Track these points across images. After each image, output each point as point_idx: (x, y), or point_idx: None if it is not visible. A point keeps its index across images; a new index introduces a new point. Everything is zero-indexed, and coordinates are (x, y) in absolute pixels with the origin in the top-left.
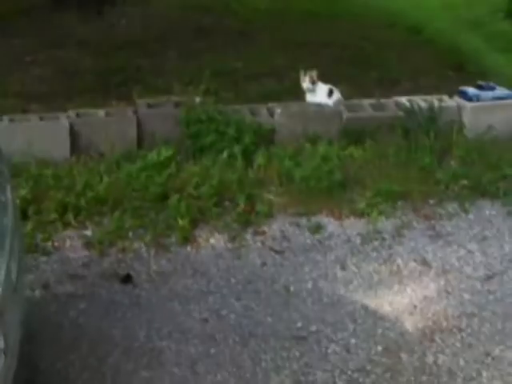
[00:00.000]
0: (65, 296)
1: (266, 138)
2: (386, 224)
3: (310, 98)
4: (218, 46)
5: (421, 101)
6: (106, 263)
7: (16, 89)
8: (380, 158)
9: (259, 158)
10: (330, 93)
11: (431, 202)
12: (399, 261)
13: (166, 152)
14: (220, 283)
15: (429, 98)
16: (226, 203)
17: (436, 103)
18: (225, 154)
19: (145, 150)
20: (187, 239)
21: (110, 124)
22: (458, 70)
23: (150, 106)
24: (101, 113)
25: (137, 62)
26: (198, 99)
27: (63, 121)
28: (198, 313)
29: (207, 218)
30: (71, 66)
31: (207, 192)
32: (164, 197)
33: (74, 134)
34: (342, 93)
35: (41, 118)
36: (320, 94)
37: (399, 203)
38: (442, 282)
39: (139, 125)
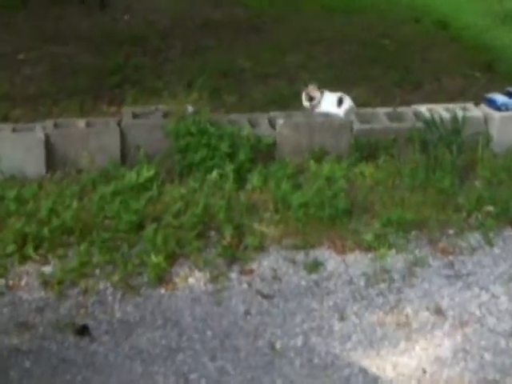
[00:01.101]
0: (8, 350)
1: (265, 153)
2: (396, 260)
3: (322, 105)
4: (225, 42)
5: (442, 110)
6: (64, 308)
7: (2, 90)
8: (394, 177)
9: (254, 179)
10: (340, 102)
11: (450, 232)
12: (408, 309)
13: (147, 172)
14: (193, 337)
15: (451, 106)
16: (211, 234)
17: (460, 113)
18: (214, 175)
19: (128, 165)
20: (161, 279)
21: (91, 136)
22: (486, 70)
23: (135, 115)
24: (81, 123)
25: (137, 60)
26: (190, 108)
27: (38, 132)
28: (163, 376)
29: (187, 253)
30: (65, 65)
31: (189, 221)
32: (139, 226)
33: (49, 148)
34: (354, 100)
35: (13, 129)
36: (328, 105)
37: (413, 234)
38: (459, 338)
39: (123, 137)
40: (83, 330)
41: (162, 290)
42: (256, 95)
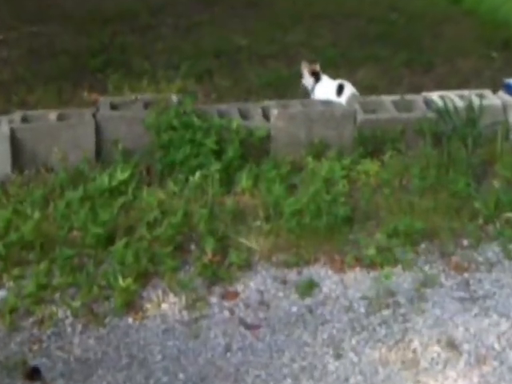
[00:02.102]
0: None
1: (257, 147)
2: (403, 279)
3: (317, 94)
4: (221, 19)
5: (456, 97)
6: (15, 344)
7: None
8: (401, 177)
9: (243, 180)
10: (340, 90)
11: (465, 243)
12: (416, 342)
13: (121, 174)
14: (162, 380)
15: (466, 93)
16: (191, 247)
17: (475, 100)
18: (197, 176)
19: (104, 163)
20: (130, 305)
21: (63, 130)
22: (503, 48)
23: (113, 106)
24: (52, 116)
25: (123, 39)
26: (174, 98)
27: (3, 127)
28: None
29: (161, 272)
30: (45, 46)
31: (165, 233)
32: (109, 239)
33: (16, 144)
34: (358, 83)
35: None
36: (327, 93)
37: (422, 246)
38: (476, 379)
39: (98, 131)
40: (33, 374)
41: (130, 319)
42: (252, 78)
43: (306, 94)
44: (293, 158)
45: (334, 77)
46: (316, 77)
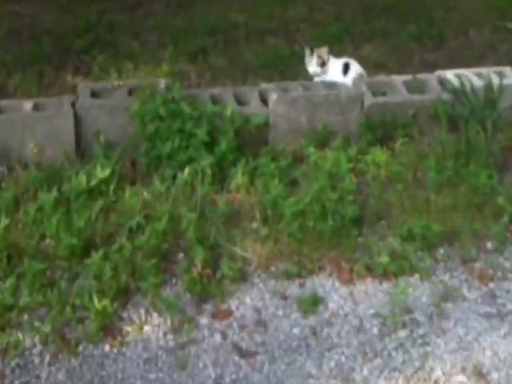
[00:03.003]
0: None
1: (255, 136)
2: (421, 292)
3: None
4: None
5: (473, 76)
6: None
7: None
8: (415, 169)
9: (238, 176)
10: (346, 69)
11: (489, 246)
12: (438, 371)
13: (101, 171)
14: None
15: (484, 71)
16: (179, 257)
17: (495, 79)
18: (186, 173)
19: (85, 158)
20: (107, 328)
21: (39, 121)
22: None
23: (94, 93)
24: (27, 105)
25: (111, 17)
26: (162, 83)
27: None
28: None
29: (144, 288)
30: (27, 27)
31: (149, 242)
32: (85, 250)
33: None
34: (365, 60)
35: None
36: (332, 73)
37: (441, 251)
38: None
39: (78, 122)
40: None
41: (107, 347)
42: (249, 57)
43: (308, 75)
44: (294, 147)
45: (337, 55)
46: (323, 65)
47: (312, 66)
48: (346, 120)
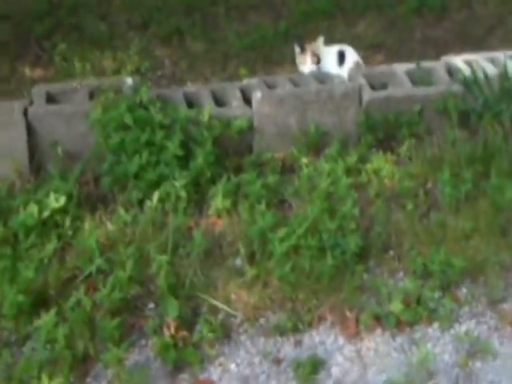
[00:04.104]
0: None
1: (237, 143)
2: (442, 348)
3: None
4: None
5: (485, 61)
6: None
7: None
8: (425, 179)
9: (218, 199)
10: (341, 58)
11: None
12: None
13: (55, 199)
14: None
15: (498, 55)
16: (147, 312)
17: (510, 66)
18: (155, 200)
19: (39, 177)
20: None
21: None
22: None
23: (50, 97)
24: None
25: None
26: (129, 81)
27: None
28: None
29: (104, 359)
30: None
31: (111, 297)
32: (35, 306)
33: None
34: (360, 39)
35: None
36: (325, 63)
37: (463, 290)
38: None
39: (31, 132)
40: None
41: None
42: (230, 39)
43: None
44: (283, 153)
45: (328, 33)
46: (318, 62)
47: (306, 66)
48: (342, 119)
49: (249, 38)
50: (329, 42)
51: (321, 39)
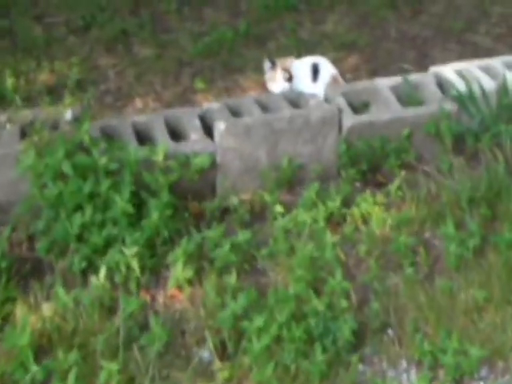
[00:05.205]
0: None
1: (197, 186)
2: None
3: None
4: None
5: (480, 71)
6: None
7: None
8: (422, 226)
9: (177, 268)
10: (315, 72)
11: None
12: None
13: None
14: None
15: (494, 63)
16: None
17: (509, 76)
18: (102, 273)
19: None
20: None
21: None
22: None
23: None
24: None
25: None
26: (68, 114)
27: None
28: None
29: None
30: None
31: None
32: None
33: None
34: (329, 46)
35: None
36: (297, 80)
37: (483, 372)
38: None
39: None
40: None
41: None
42: (184, 42)
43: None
44: (251, 194)
45: (292, 31)
46: (290, 79)
47: (277, 84)
48: (320, 149)
49: (204, 40)
50: (295, 42)
51: (291, 57)
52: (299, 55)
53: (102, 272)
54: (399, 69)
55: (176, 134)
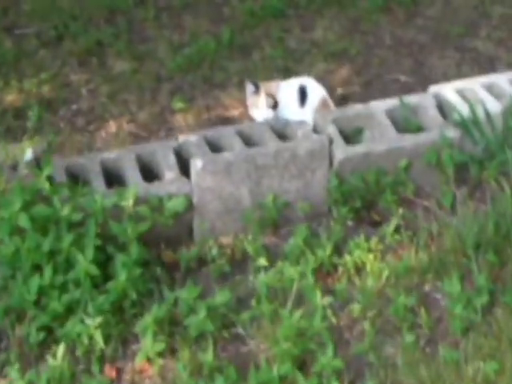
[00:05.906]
0: None
1: (171, 231)
2: None
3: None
4: None
5: (483, 90)
6: None
7: None
8: (422, 278)
9: (147, 339)
10: (302, 96)
11: None
12: None
13: None
14: None
15: (499, 79)
16: None
17: None
18: (59, 353)
19: None
20: None
21: None
22: None
23: None
24: None
25: None
26: (28, 154)
27: None
28: None
29: None
30: None
31: None
32: None
33: None
34: (315, 52)
35: None
36: (283, 105)
37: None
38: None
39: None
40: None
41: None
42: (162, 54)
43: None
44: (232, 239)
45: (278, 39)
46: (275, 106)
47: (260, 110)
48: (308, 185)
49: (184, 52)
50: (281, 52)
51: (277, 81)
52: (286, 67)
53: (61, 349)
54: (394, 81)
55: (149, 171)
